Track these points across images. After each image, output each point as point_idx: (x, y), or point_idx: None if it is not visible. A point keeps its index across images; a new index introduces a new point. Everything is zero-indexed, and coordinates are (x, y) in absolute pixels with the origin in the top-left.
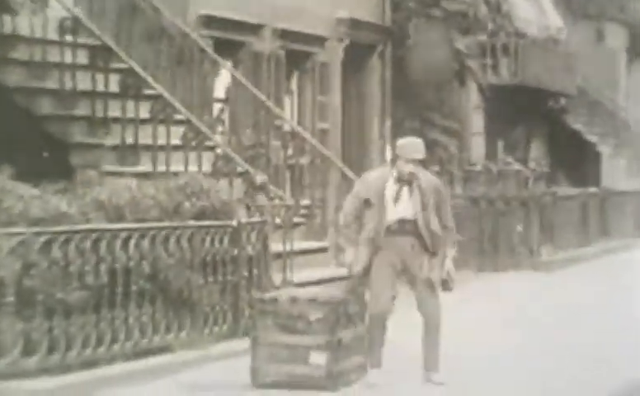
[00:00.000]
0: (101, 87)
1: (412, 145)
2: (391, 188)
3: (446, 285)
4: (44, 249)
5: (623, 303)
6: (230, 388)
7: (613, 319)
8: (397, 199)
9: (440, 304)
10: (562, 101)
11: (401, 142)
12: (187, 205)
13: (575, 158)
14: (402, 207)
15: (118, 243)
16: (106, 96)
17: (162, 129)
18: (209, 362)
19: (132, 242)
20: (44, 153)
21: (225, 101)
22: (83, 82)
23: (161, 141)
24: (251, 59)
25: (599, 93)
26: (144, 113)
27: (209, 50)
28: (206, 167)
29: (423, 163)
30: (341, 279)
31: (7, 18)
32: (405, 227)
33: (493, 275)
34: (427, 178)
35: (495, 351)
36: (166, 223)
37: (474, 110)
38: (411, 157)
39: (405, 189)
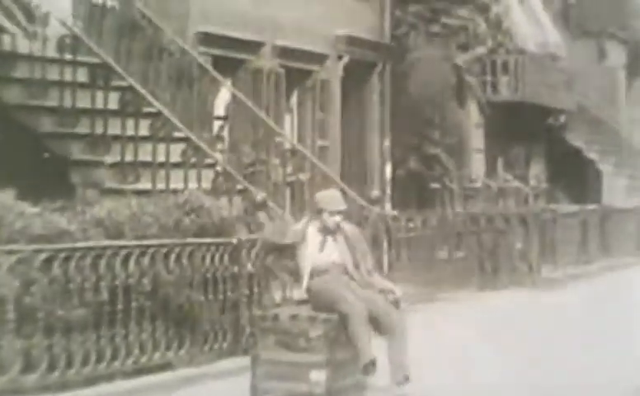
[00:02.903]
0: (100, 105)
1: (334, 198)
2: (314, 238)
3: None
4: (44, 266)
5: (621, 322)
6: None
7: (610, 340)
8: (322, 249)
9: (390, 303)
10: (562, 118)
11: (322, 196)
12: (187, 222)
13: (575, 176)
14: (328, 253)
15: (118, 261)
16: (106, 113)
17: (161, 146)
18: (209, 380)
19: (132, 260)
20: (44, 171)
21: (225, 118)
22: (83, 99)
23: (160, 158)
24: (251, 77)
25: (599, 111)
26: (144, 130)
27: (209, 68)
28: (206, 184)
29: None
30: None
31: (6, 37)
32: (334, 268)
33: (492, 294)
34: (349, 227)
35: (481, 375)
36: (166, 241)
37: (474, 127)
38: (335, 210)
39: (329, 238)
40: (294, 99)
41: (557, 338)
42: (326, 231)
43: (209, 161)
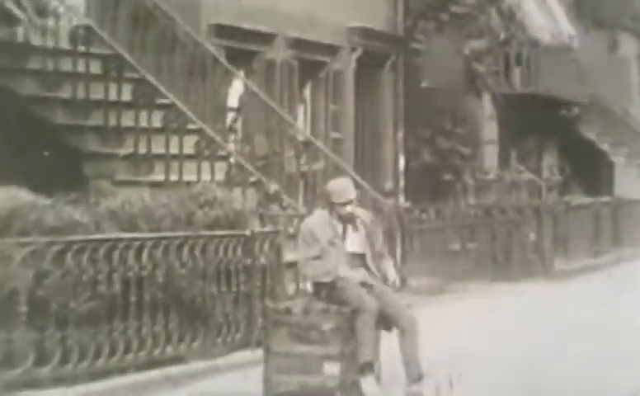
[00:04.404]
0: (114, 97)
1: (342, 188)
2: (337, 228)
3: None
4: (57, 259)
5: (632, 314)
6: None
7: (620, 332)
8: (344, 237)
9: (404, 302)
10: (575, 109)
11: (331, 187)
12: (200, 214)
13: (588, 167)
14: (349, 243)
15: (131, 253)
16: (119, 105)
17: (175, 138)
18: (221, 372)
19: (145, 252)
20: (58, 163)
21: (238, 110)
22: (96, 91)
23: (174, 150)
24: (264, 68)
25: (612, 102)
26: (157, 122)
27: (222, 59)
28: (219, 176)
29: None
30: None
31: (20, 29)
32: (355, 261)
33: (504, 286)
34: (364, 213)
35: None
36: (179, 233)
37: (487, 119)
38: (345, 200)
39: (349, 227)
40: (307, 91)
41: (566, 331)
42: (344, 220)
43: (222, 153)
